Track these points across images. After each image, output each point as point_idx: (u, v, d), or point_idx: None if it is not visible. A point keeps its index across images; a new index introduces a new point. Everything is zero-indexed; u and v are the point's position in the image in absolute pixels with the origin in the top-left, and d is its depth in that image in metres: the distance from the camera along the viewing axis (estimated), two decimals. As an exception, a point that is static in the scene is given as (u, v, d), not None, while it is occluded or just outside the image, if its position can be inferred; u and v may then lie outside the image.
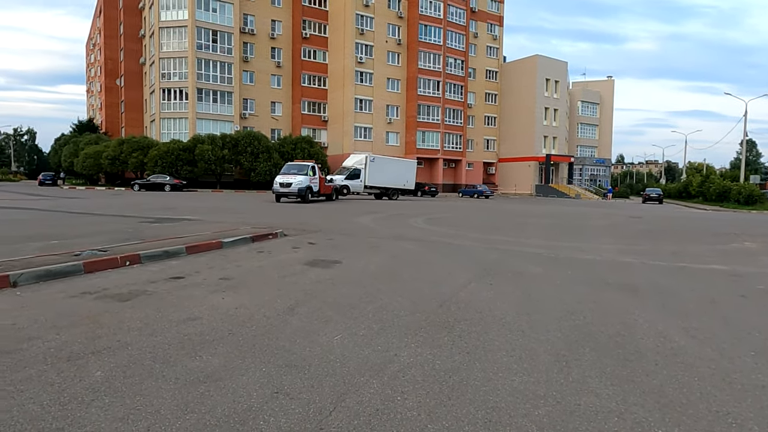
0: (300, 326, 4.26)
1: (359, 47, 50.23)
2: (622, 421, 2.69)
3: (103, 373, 3.13)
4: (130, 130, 53.26)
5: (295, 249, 8.81)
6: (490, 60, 61.49)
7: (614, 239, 12.34)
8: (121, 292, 5.29)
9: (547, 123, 59.09)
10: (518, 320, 4.63)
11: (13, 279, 5.39)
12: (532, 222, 17.49)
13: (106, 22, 62.75)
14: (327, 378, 3.16)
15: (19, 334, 3.84)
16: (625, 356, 3.73)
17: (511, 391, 3.05)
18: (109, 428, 2.46)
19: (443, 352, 3.71)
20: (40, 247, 7.72)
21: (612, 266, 8.07)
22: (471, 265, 7.78)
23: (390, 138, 53.32)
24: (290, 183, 24.05)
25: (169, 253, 7.47)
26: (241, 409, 2.70)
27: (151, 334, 3.92)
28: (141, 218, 13.56)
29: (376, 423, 2.60)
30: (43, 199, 24.03)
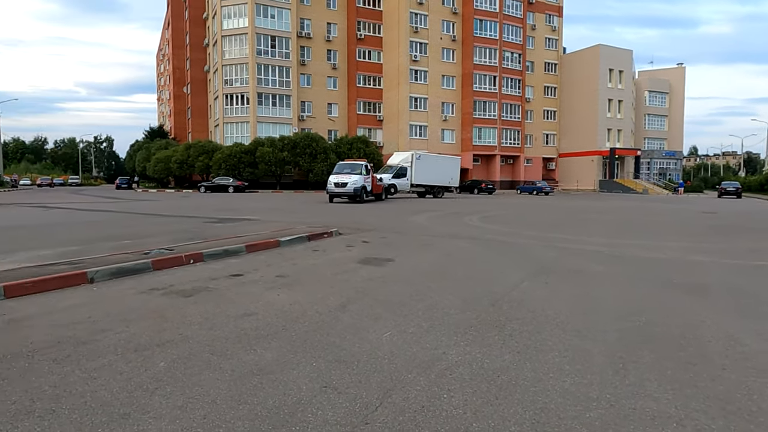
0: (350, 323, 4.34)
1: (413, 45, 50.17)
2: (681, 428, 2.55)
3: (166, 364, 3.33)
4: (196, 135, 56.08)
5: (349, 247, 8.95)
6: (548, 52, 59.56)
7: (684, 236, 11.64)
8: (185, 288, 5.60)
9: (611, 115, 56.45)
10: (573, 320, 4.48)
11: (90, 276, 5.84)
12: (593, 218, 16.81)
13: (174, 33, 66.41)
14: (374, 374, 3.20)
15: (94, 326, 4.16)
16: (688, 359, 3.52)
17: (562, 392, 2.96)
18: (169, 416, 2.62)
19: (493, 351, 3.66)
20: (114, 246, 8.30)
21: (680, 265, 7.62)
22: (526, 263, 7.60)
23: (445, 135, 52.90)
24: (345, 183, 23.50)
25: (229, 251, 7.82)
26: (290, 402, 2.80)
27: (211, 328, 4.13)
28: (205, 218, 14.26)
29: (420, 419, 2.61)
30: (119, 201, 25.77)
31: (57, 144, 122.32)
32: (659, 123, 69.24)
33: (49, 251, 7.80)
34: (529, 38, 56.72)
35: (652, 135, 68.04)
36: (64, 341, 3.77)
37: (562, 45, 60.65)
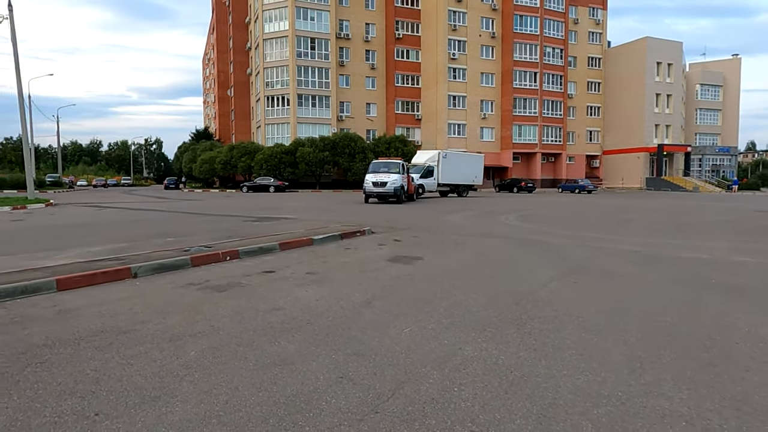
0: (373, 319, 4.47)
1: (452, 43, 49.89)
2: (690, 427, 2.54)
3: (196, 353, 3.56)
4: (239, 137, 57.70)
5: (380, 246, 9.09)
6: (592, 46, 57.88)
7: (730, 236, 11.15)
8: (220, 283, 5.88)
9: (659, 110, 54.28)
10: (596, 319, 4.45)
11: (133, 271, 6.22)
12: (634, 218, 16.29)
13: (218, 38, 68.53)
14: (390, 367, 3.32)
15: (134, 317, 4.47)
16: (711, 360, 3.46)
17: (573, 389, 2.99)
18: (195, 399, 2.83)
19: (509, 348, 3.71)
20: (159, 243, 8.76)
21: (721, 265, 7.35)
22: (557, 263, 7.52)
23: (484, 134, 52.34)
24: (385, 182, 22.30)
25: (263, 249, 8.11)
26: (307, 390, 2.95)
27: (240, 321, 4.35)
28: (244, 217, 14.74)
29: (429, 410, 2.71)
30: (166, 201, 26.91)
31: (110, 146, 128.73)
32: (712, 117, 66.03)
33: (99, 248, 8.32)
34: (571, 33, 55.33)
35: (704, 130, 64.99)
36: (107, 330, 4.07)
37: (606, 39, 58.81)
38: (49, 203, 21.31)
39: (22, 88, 20.87)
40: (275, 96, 49.47)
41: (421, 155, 32.69)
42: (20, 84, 20.94)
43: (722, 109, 65.80)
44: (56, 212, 17.99)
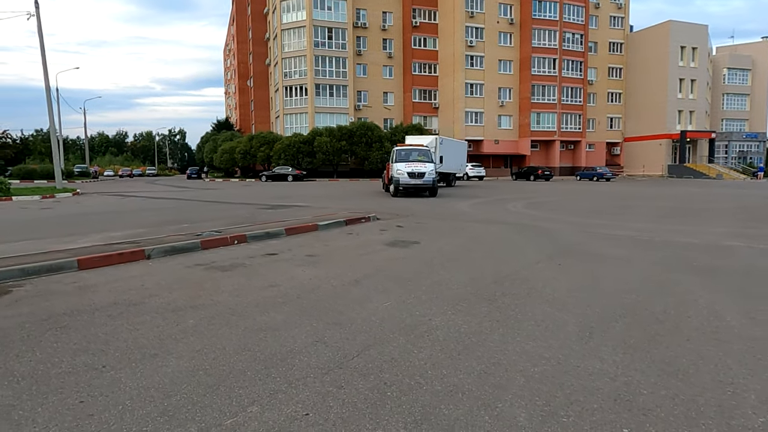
0: (359, 294, 4.88)
1: (469, 30, 49.56)
2: (611, 382, 2.89)
3: (194, 322, 4.03)
4: (259, 127, 58.53)
5: (382, 231, 9.49)
6: (614, 31, 56.72)
7: (733, 222, 11.22)
8: (225, 264, 6.37)
9: (683, 96, 53.06)
10: (567, 297, 4.78)
11: (147, 253, 6.76)
12: (643, 205, 16.32)
13: (238, 29, 69.26)
14: (362, 334, 3.73)
15: (144, 292, 4.97)
16: (658, 331, 3.77)
17: (520, 352, 3.35)
18: (187, 356, 3.28)
19: (474, 319, 4.08)
20: (175, 229, 9.32)
21: (709, 249, 7.54)
22: (549, 246, 7.81)
23: (502, 121, 52.04)
24: (423, 173, 18.57)
25: (270, 234, 8.59)
26: (285, 351, 3.38)
27: (237, 296, 4.81)
28: (259, 205, 15.30)
29: (386, 367, 3.11)
30: (187, 190, 27.76)
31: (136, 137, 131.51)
32: (740, 102, 64.18)
33: (119, 233, 8.92)
34: (592, 17, 54.31)
35: (731, 116, 63.25)
36: (120, 303, 4.58)
37: (628, 23, 57.54)
38: (76, 192, 22.29)
39: (48, 83, 21.80)
40: (293, 86, 49.99)
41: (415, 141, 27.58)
42: (47, 78, 21.86)
43: (750, 94, 63.87)
44: (82, 201, 18.88)
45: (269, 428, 2.39)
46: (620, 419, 2.47)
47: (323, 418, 2.48)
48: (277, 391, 2.78)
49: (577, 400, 2.68)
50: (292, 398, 2.70)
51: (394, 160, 19.70)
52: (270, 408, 2.59)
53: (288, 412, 2.54)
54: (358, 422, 2.45)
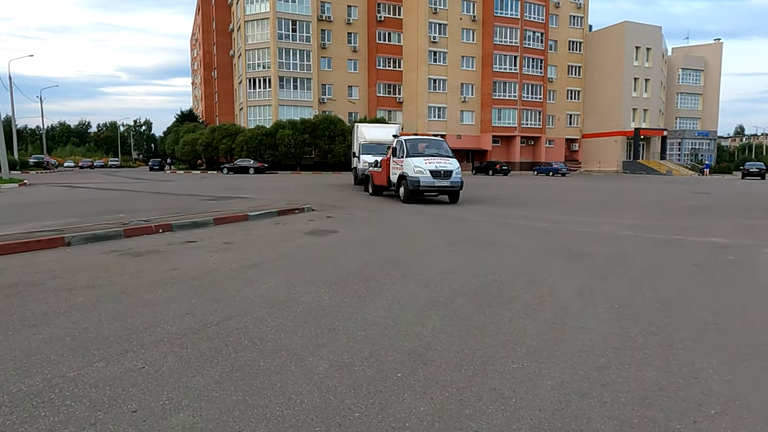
0: (251, 276, 5.35)
1: (432, 27, 50.21)
2: (416, 341, 3.46)
3: (84, 299, 4.44)
4: (223, 119, 58.01)
5: (309, 221, 9.97)
6: (573, 30, 58.36)
7: (642, 215, 12.12)
8: (140, 251, 6.75)
9: (637, 95, 55.13)
10: (436, 277, 5.36)
11: (67, 240, 7.07)
12: (575, 198, 17.28)
13: (203, 18, 68.24)
14: (230, 307, 4.21)
15: (49, 274, 5.33)
16: (491, 304, 4.38)
17: (360, 321, 3.89)
18: (62, 327, 3.70)
19: (340, 296, 4.61)
20: (107, 218, 9.56)
21: (600, 238, 8.31)
22: (455, 235, 8.44)
23: (465, 117, 53.02)
24: (450, 171, 14.23)
25: (197, 223, 8.97)
26: (154, 322, 3.84)
27: (137, 278, 5.23)
28: (204, 196, 15.56)
29: (235, 332, 3.60)
30: (142, 182, 27.57)
31: (99, 128, 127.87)
32: (692, 102, 67.02)
33: (51, 222, 9.12)
34: (552, 16, 55.73)
35: (684, 114, 66.01)
36: (20, 284, 4.94)
37: (587, 23, 59.27)
38: (23, 183, 21.97)
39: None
40: (257, 78, 49.76)
41: (369, 130, 23.06)
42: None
43: (703, 94, 66.76)
44: (27, 192, 18.70)
45: (105, 377, 2.86)
46: (402, 367, 3.04)
47: (155, 370, 2.97)
48: (127, 351, 3.25)
49: (377, 353, 3.24)
50: (138, 356, 3.17)
51: (405, 153, 14.62)
52: (114, 363, 3.06)
53: (128, 366, 3.02)
54: (182, 372, 2.94)
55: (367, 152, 20.57)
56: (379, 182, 16.76)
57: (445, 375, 2.93)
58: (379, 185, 16.83)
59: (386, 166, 16.01)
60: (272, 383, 2.81)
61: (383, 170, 16.27)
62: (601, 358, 3.21)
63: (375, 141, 21.45)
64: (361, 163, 20.32)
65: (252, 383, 2.81)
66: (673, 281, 5.32)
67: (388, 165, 15.81)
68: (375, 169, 17.37)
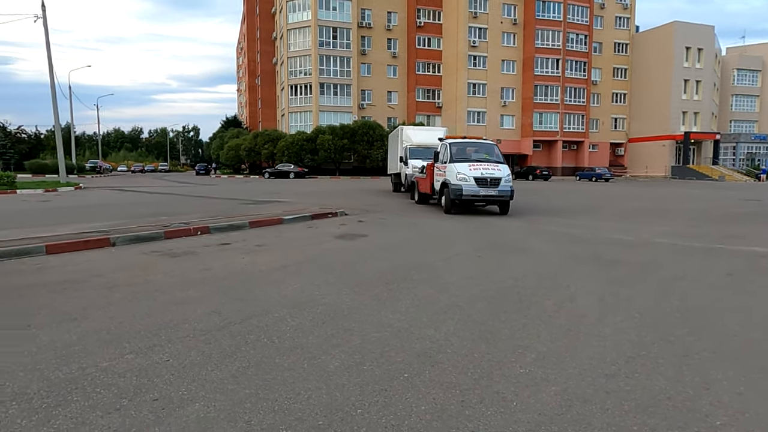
0: (277, 278, 5.56)
1: (472, 31, 49.94)
2: (428, 344, 3.53)
3: (122, 296, 4.75)
4: (266, 124, 59.53)
5: (341, 225, 10.17)
6: (619, 32, 56.64)
7: (683, 222, 11.69)
8: (178, 252, 7.11)
9: (687, 97, 52.87)
10: (457, 282, 5.41)
11: (112, 240, 7.52)
12: (615, 205, 16.80)
13: (248, 28, 70.37)
14: (254, 307, 4.42)
15: (92, 272, 5.71)
16: (507, 309, 4.40)
17: (375, 323, 4.00)
18: (99, 320, 3.99)
19: (361, 298, 4.74)
20: (153, 220, 10.08)
21: (633, 245, 8.11)
22: (484, 242, 8.42)
23: (504, 121, 52.37)
24: (498, 179, 12.37)
25: (233, 226, 9.32)
26: (182, 319, 4.08)
27: (171, 277, 5.53)
28: (243, 200, 16.08)
29: (255, 331, 3.79)
30: (187, 186, 28.69)
31: (151, 133, 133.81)
32: (749, 104, 63.55)
33: (100, 223, 9.70)
34: (597, 18, 54.32)
35: (739, 117, 62.69)
36: (66, 281, 5.32)
37: (634, 24, 57.40)
38: (78, 187, 23.31)
39: (54, 81, 22.90)
40: (298, 85, 50.86)
41: (419, 133, 21.79)
42: (53, 77, 22.98)
43: (760, 95, 63.23)
44: (81, 195, 19.84)
45: (133, 368, 3.09)
46: (410, 368, 3.13)
47: (179, 363, 3.18)
48: (155, 345, 3.48)
49: (387, 354, 3.34)
50: (165, 350, 3.39)
51: (449, 158, 13.16)
52: (142, 356, 3.29)
53: (154, 359, 3.24)
54: (203, 366, 3.14)
55: (415, 157, 18.97)
56: (423, 189, 15.45)
57: (450, 377, 3.00)
58: (423, 193, 15.51)
59: (430, 173, 14.64)
60: (284, 379, 2.96)
61: (427, 177, 14.91)
62: (612, 365, 3.20)
63: (423, 145, 19.71)
64: (410, 168, 18.58)
65: (265, 378, 2.96)
66: (702, 291, 5.17)
67: (432, 171, 14.42)
68: (420, 175, 16.25)
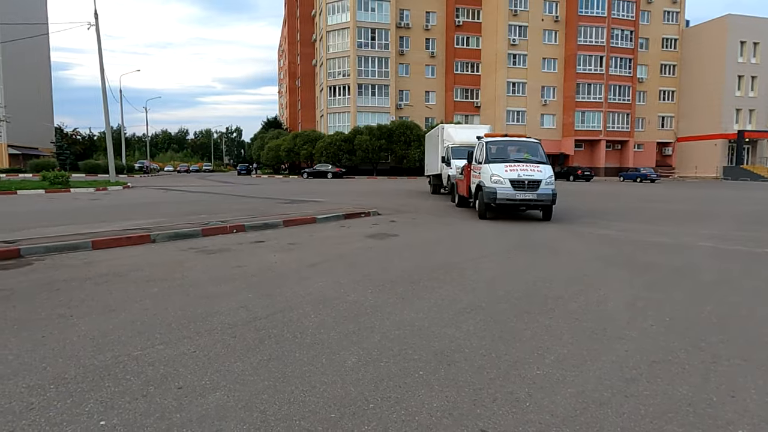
0: (306, 275, 5.70)
1: (512, 29, 49.18)
2: (447, 343, 3.55)
3: (158, 290, 4.99)
4: (305, 125, 60.56)
5: (372, 225, 10.26)
6: (667, 27, 54.48)
7: (729, 225, 11.16)
8: (213, 249, 7.37)
9: (741, 94, 50.29)
10: (483, 282, 5.38)
11: (153, 237, 7.87)
12: (657, 207, 16.18)
13: (289, 31, 71.78)
14: (280, 303, 4.54)
15: (133, 267, 6.01)
16: (530, 311, 4.35)
17: (397, 321, 4.05)
18: (135, 312, 4.22)
19: (385, 296, 4.80)
20: (191, 219, 10.47)
21: (673, 248, 7.82)
22: (515, 243, 8.32)
23: (545, 120, 51.31)
24: (537, 181, 11.12)
25: (268, 224, 9.57)
26: (211, 312, 4.25)
27: (205, 273, 5.75)
28: (280, 200, 16.43)
29: (279, 325, 3.91)
30: (227, 185, 29.54)
31: (196, 135, 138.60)
32: (810, 100, 59.87)
33: (143, 221, 10.16)
34: (643, 13, 52.47)
35: (799, 114, 59.17)
36: (109, 274, 5.63)
37: (684, 18, 55.06)
38: (126, 186, 24.41)
39: (105, 86, 24.09)
40: (337, 86, 51.46)
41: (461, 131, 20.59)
42: (104, 82, 24.13)
43: (823, 91, 59.46)
44: (128, 193, 20.77)
45: (162, 358, 3.26)
46: (427, 366, 3.16)
47: (204, 354, 3.32)
48: (185, 337, 3.65)
49: (405, 352, 3.38)
50: (193, 342, 3.55)
51: (484, 158, 12.04)
52: (171, 347, 3.46)
53: (182, 350, 3.40)
54: (227, 357, 3.27)
55: (458, 156, 17.37)
56: (462, 192, 14.55)
57: (466, 376, 3.02)
58: (462, 195, 14.58)
59: (468, 174, 13.61)
60: (302, 373, 3.05)
61: (465, 178, 14.05)
62: (633, 370, 3.13)
63: (465, 144, 18.02)
64: (453, 169, 17.20)
65: (284, 371, 3.06)
66: (741, 297, 4.96)
67: (470, 173, 13.35)
68: (459, 176, 15.31)
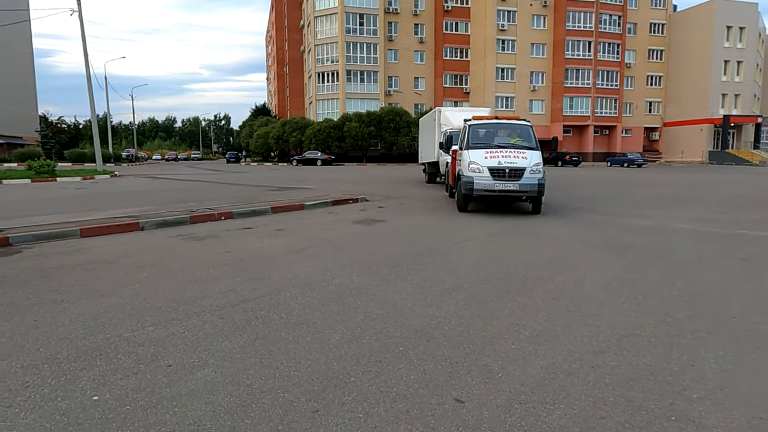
0: (293, 260, 5.81)
1: (501, 14, 48.98)
2: (426, 321, 3.71)
3: (147, 275, 5.08)
4: (294, 113, 60.11)
5: (361, 211, 10.37)
6: (655, 11, 54.55)
7: (711, 208, 11.42)
8: (201, 235, 7.45)
9: (727, 78, 50.68)
10: (467, 265, 5.54)
11: (141, 225, 7.93)
12: (643, 191, 16.46)
13: (276, 16, 70.78)
14: (267, 286, 4.66)
15: (122, 254, 6.09)
16: (509, 290, 4.52)
17: (381, 301, 4.20)
18: (126, 296, 4.32)
19: (370, 279, 4.94)
20: (181, 206, 10.51)
21: (653, 231, 8.03)
22: (500, 227, 8.48)
23: (534, 106, 51.39)
24: (520, 169, 9.85)
25: (256, 211, 9.64)
26: (200, 296, 4.36)
27: (194, 258, 5.85)
28: (269, 187, 16.46)
29: (266, 307, 4.03)
30: (216, 173, 29.41)
31: (183, 122, 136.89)
32: (795, 85, 60.53)
33: (131, 209, 10.18)
34: (631, -3, 52.45)
35: (784, 99, 59.83)
36: (98, 261, 5.70)
37: (671, 3, 55.14)
38: (114, 174, 24.23)
39: (89, 73, 23.81)
40: (325, 72, 51.07)
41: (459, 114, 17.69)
42: (88, 69, 23.83)
43: (807, 76, 60.13)
44: (116, 182, 20.66)
45: (152, 339, 3.37)
46: (406, 342, 3.31)
47: (193, 335, 3.44)
48: (174, 319, 3.76)
49: (387, 330, 3.53)
50: (182, 323, 3.67)
51: (465, 144, 10.93)
52: (161, 328, 3.57)
53: (171, 331, 3.52)
54: (215, 337, 3.39)
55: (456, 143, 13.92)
56: (451, 181, 13.12)
57: (443, 351, 3.17)
58: (452, 186, 12.84)
59: (454, 163, 12.36)
60: (287, 350, 3.18)
61: (452, 168, 12.78)
62: (603, 343, 3.31)
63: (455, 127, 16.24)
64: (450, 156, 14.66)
65: (270, 349, 3.20)
66: (713, 276, 5.16)
67: (455, 160, 11.94)
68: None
